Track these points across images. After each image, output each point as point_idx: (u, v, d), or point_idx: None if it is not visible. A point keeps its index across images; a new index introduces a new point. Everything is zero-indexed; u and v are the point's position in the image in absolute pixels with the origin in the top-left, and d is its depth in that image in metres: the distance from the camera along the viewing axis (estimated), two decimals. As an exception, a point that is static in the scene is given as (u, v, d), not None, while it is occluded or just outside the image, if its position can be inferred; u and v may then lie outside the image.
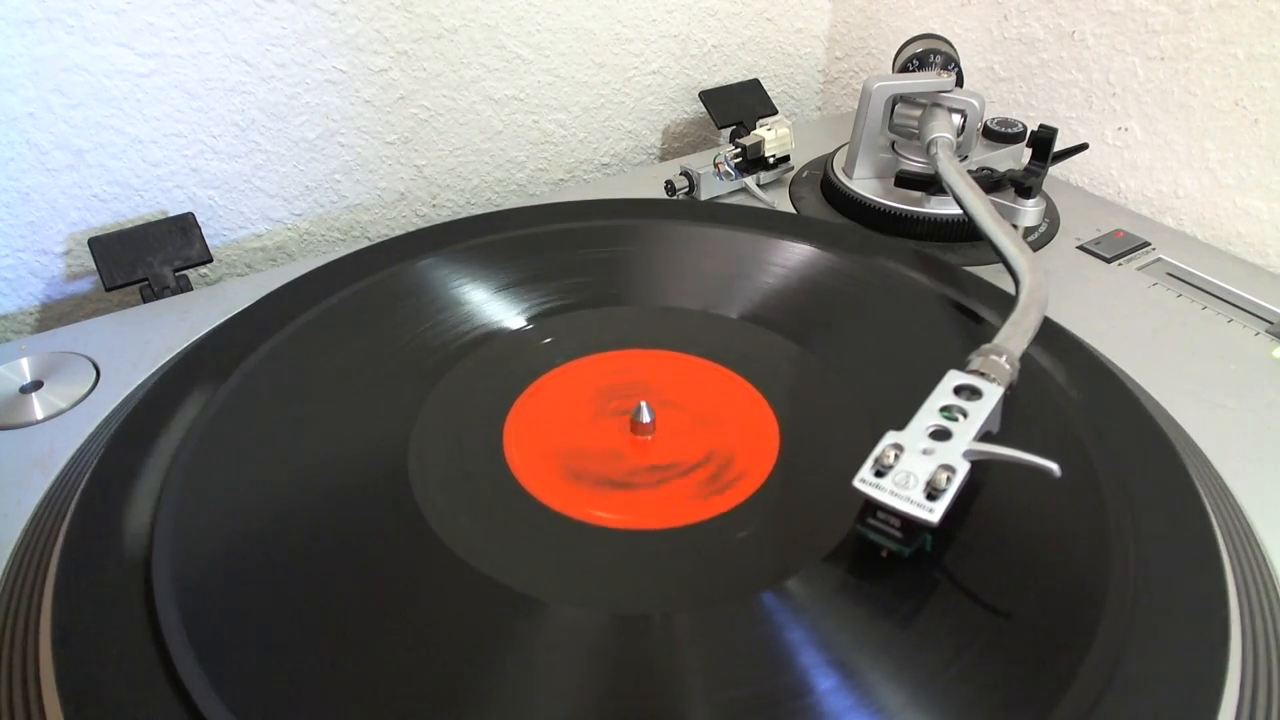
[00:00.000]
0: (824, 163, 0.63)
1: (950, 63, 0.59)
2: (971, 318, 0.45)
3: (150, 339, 0.47)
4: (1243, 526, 0.36)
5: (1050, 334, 0.43)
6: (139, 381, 0.44)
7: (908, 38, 0.62)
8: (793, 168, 0.63)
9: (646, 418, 0.38)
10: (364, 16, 0.59)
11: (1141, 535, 0.33)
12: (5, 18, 0.49)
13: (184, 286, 0.53)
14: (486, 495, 0.35)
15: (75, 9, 0.50)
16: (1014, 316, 0.40)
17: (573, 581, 0.32)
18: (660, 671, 0.29)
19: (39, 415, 0.42)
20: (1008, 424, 0.37)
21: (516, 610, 0.31)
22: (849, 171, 0.60)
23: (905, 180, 0.55)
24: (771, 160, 0.62)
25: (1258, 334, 0.47)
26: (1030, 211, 0.52)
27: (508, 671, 0.29)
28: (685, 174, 0.60)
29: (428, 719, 0.27)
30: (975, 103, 0.55)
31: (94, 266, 0.52)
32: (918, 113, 0.56)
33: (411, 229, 0.57)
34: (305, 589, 0.31)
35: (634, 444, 0.38)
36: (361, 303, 0.45)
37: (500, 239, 0.50)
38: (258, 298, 0.46)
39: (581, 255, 0.50)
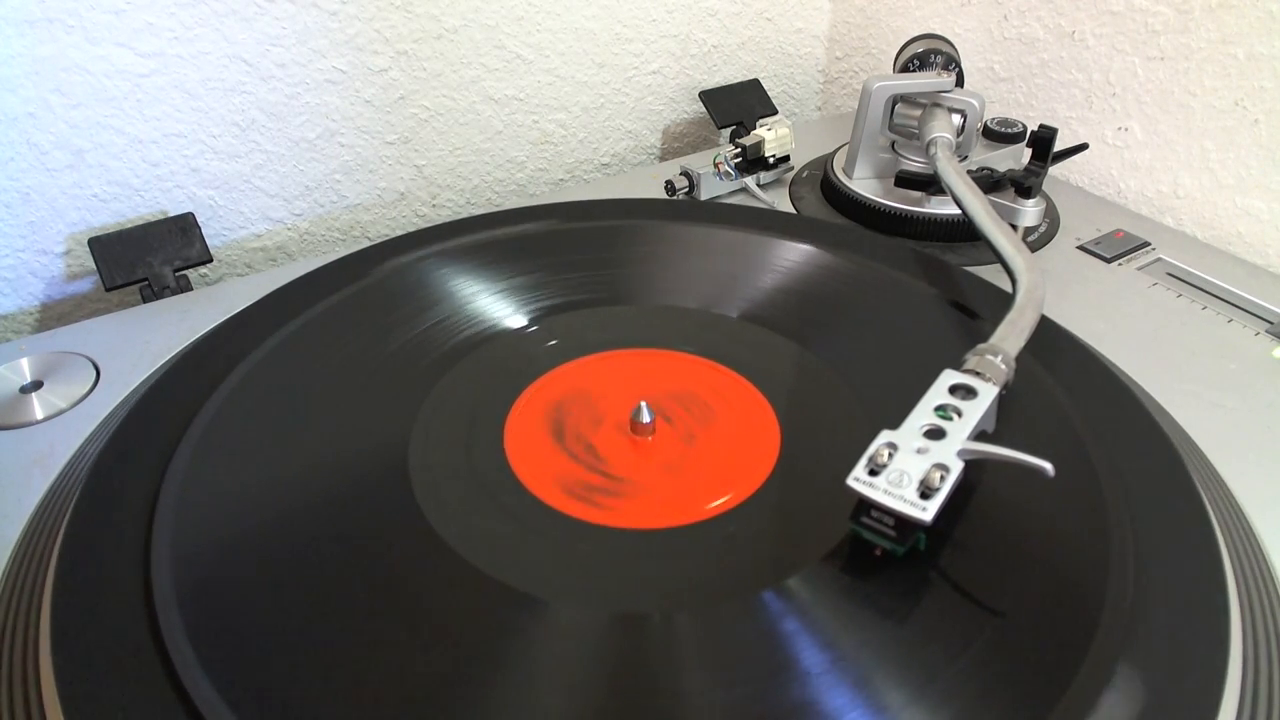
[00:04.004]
0: (824, 163, 0.63)
1: (951, 63, 0.59)
2: (971, 318, 0.45)
3: (150, 339, 0.47)
4: (1243, 526, 0.36)
5: (1050, 334, 0.43)
6: (139, 381, 0.44)
7: (908, 38, 0.62)
8: (793, 168, 0.63)
9: (646, 418, 0.38)
10: (364, 16, 0.59)
11: (1141, 535, 0.33)
12: (5, 18, 0.49)
13: (184, 286, 0.53)
14: (487, 494, 0.35)
15: (75, 9, 0.50)
16: (1010, 316, 0.40)
17: (573, 581, 0.32)
18: (660, 671, 0.29)
19: (39, 415, 0.42)
20: (1009, 424, 0.37)
21: (517, 610, 0.31)
22: (849, 171, 0.60)
23: (905, 180, 0.55)
24: (771, 160, 0.62)
25: (1258, 334, 0.47)
26: (1030, 211, 0.52)
27: (508, 671, 0.29)
28: (685, 174, 0.60)
29: (428, 718, 0.27)
30: (975, 103, 0.55)
31: (94, 266, 0.52)
32: (918, 113, 0.56)
33: (411, 229, 0.57)
34: (305, 589, 0.31)
35: (634, 443, 0.38)
36: (362, 302, 0.45)
37: (500, 239, 0.50)
38: (258, 298, 0.46)
39: (581, 255, 0.50)
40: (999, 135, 0.58)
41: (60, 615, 0.30)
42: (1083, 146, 0.56)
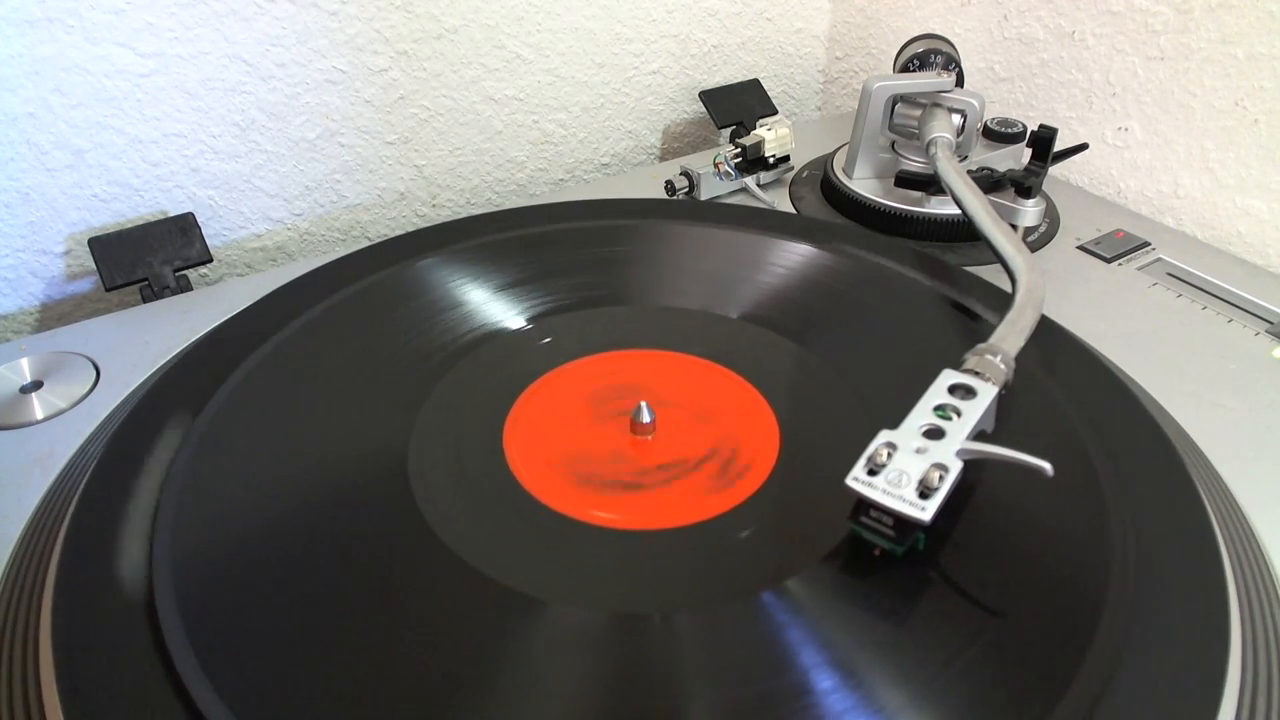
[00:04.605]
0: (824, 163, 0.63)
1: (951, 63, 0.59)
2: (971, 318, 0.45)
3: (150, 339, 0.47)
4: (1243, 526, 0.36)
5: (1050, 334, 0.43)
6: (139, 381, 0.44)
7: (908, 38, 0.62)
8: (793, 168, 0.63)
9: (647, 418, 0.38)
10: (364, 16, 0.59)
11: (1141, 535, 0.33)
12: (5, 18, 0.49)
13: (184, 286, 0.53)
14: (487, 495, 0.35)
15: (75, 9, 0.50)
16: (1010, 316, 0.40)
17: (573, 581, 0.32)
18: (660, 671, 0.29)
19: (39, 415, 0.42)
20: (1009, 424, 0.37)
21: (517, 610, 0.31)
22: (849, 171, 0.60)
23: (905, 180, 0.55)
24: (771, 160, 0.62)
25: (1258, 334, 0.47)
26: (1030, 211, 0.52)
27: (508, 671, 0.29)
28: (685, 174, 0.60)
29: (428, 719, 0.27)
30: (975, 103, 0.55)
31: (94, 266, 0.52)
32: (918, 113, 0.56)
33: (411, 229, 0.57)
34: (305, 589, 0.31)
35: (634, 444, 0.38)
36: (361, 303, 0.45)
37: (500, 239, 0.50)
38: (258, 298, 0.46)
39: (581, 255, 0.50)
40: (999, 135, 0.58)
41: (60, 615, 0.30)
42: (1083, 146, 0.56)
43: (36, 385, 0.44)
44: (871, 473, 0.31)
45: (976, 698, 0.28)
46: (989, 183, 0.52)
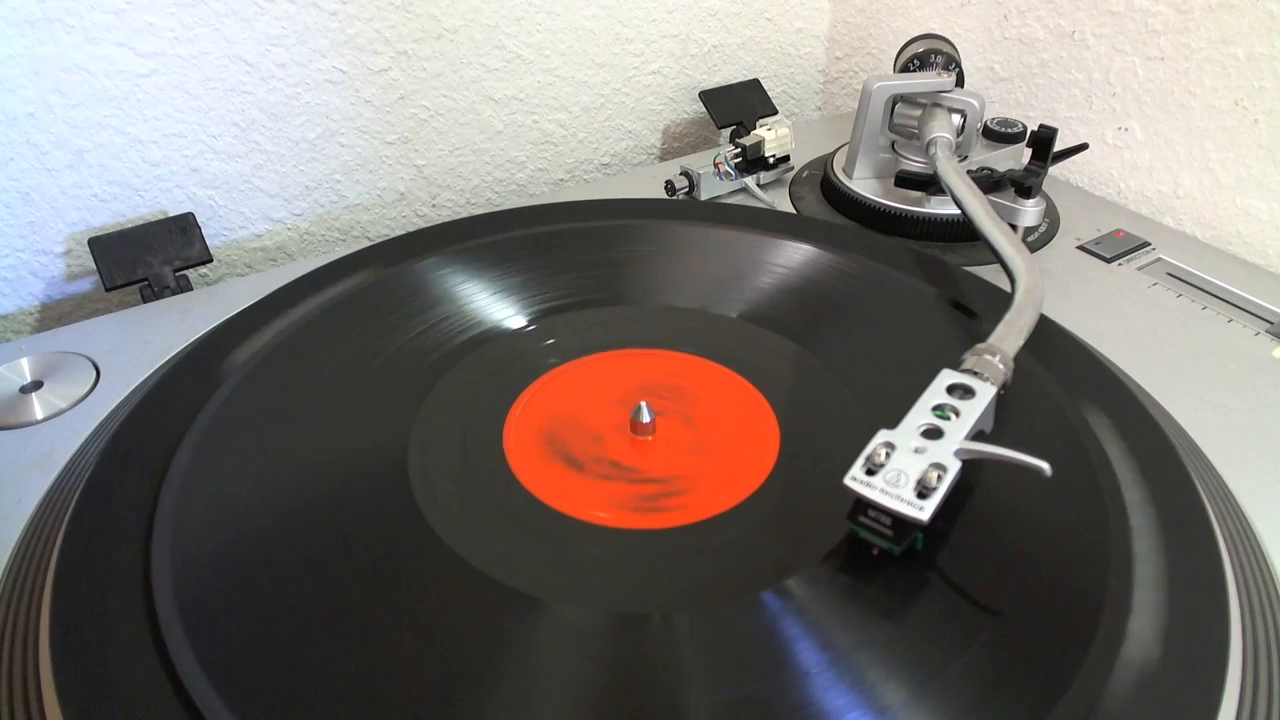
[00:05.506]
0: (824, 163, 0.63)
1: (951, 63, 0.59)
2: (971, 318, 0.45)
3: (150, 339, 0.47)
4: (1243, 526, 0.36)
5: (1049, 334, 0.43)
6: (139, 381, 0.44)
7: (908, 38, 0.62)
8: (793, 168, 0.63)
9: (646, 418, 0.38)
10: (364, 16, 0.59)
11: (1141, 535, 0.33)
12: (5, 18, 0.49)
13: (184, 286, 0.53)
14: (487, 495, 0.35)
15: (75, 9, 0.50)
16: (1009, 316, 0.40)
17: (573, 581, 0.32)
18: (660, 671, 0.29)
19: (39, 415, 0.42)
20: (1008, 424, 0.37)
21: (516, 610, 0.31)
22: (849, 171, 0.60)
23: (905, 180, 0.55)
24: (771, 160, 0.62)
25: (1258, 334, 0.47)
26: (1030, 211, 0.52)
27: (508, 671, 0.29)
28: (685, 174, 0.60)
29: (428, 719, 0.27)
30: (975, 103, 0.55)
31: (94, 266, 0.52)
32: (918, 113, 0.56)
33: (411, 229, 0.57)
34: (305, 589, 0.31)
35: (634, 444, 0.38)
36: (361, 303, 0.45)
37: (500, 239, 0.50)
38: (258, 298, 0.46)
39: (581, 255, 0.50)
40: (999, 135, 0.58)
41: (60, 615, 0.30)
42: (1083, 146, 0.56)
43: (36, 385, 0.44)
44: (870, 472, 0.31)
45: (976, 697, 0.28)
46: (989, 183, 0.52)
